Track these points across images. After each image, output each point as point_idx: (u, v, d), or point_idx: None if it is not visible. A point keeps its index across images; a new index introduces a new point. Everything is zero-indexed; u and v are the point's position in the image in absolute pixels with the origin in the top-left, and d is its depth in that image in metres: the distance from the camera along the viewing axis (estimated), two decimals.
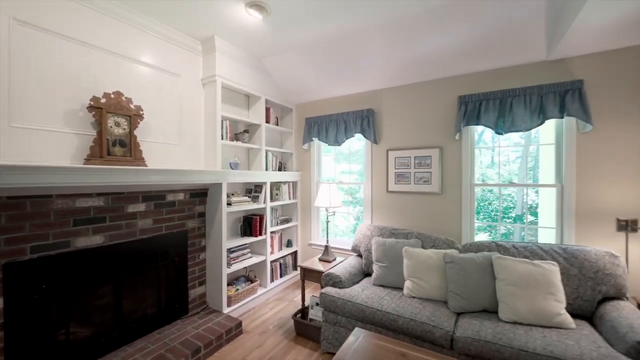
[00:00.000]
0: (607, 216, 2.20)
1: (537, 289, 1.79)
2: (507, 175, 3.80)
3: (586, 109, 2.17)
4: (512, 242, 2.14)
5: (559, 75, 2.34)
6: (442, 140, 2.83)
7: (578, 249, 1.94)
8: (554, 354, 1.46)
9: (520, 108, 2.39)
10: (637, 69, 2.12)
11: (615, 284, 1.78)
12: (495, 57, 2.45)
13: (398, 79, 2.98)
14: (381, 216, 3.19)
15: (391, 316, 1.91)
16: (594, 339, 1.58)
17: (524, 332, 1.65)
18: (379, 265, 2.42)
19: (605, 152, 2.21)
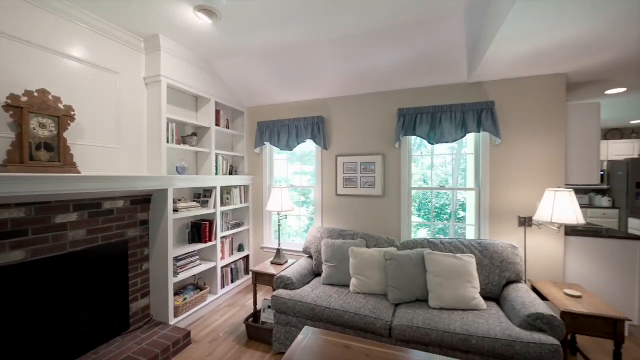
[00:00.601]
0: (511, 214, 2.67)
1: (458, 279, 2.11)
2: (444, 177, 4.24)
3: (496, 125, 2.61)
4: (441, 239, 2.48)
5: (477, 96, 2.77)
6: (385, 148, 3.11)
7: (490, 242, 2.33)
8: (469, 332, 1.75)
9: (447, 122, 2.76)
10: (534, 94, 2.61)
11: (515, 270, 2.19)
12: (428, 76, 2.79)
13: (346, 90, 3.18)
14: (331, 218, 3.37)
15: (338, 312, 2.07)
16: (499, 316, 1.93)
17: (448, 316, 1.94)
18: (328, 265, 2.57)
19: (511, 162, 2.68)
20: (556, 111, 2.55)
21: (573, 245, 2.56)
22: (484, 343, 1.70)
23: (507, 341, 1.67)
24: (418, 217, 4.00)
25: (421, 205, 4.38)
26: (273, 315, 2.35)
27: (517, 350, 1.64)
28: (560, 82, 2.54)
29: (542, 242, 2.58)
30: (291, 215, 3.77)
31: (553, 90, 2.56)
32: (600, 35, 1.88)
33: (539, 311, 1.74)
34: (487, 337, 1.71)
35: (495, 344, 1.68)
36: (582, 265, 2.56)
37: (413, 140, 3.12)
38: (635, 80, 2.76)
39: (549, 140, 2.57)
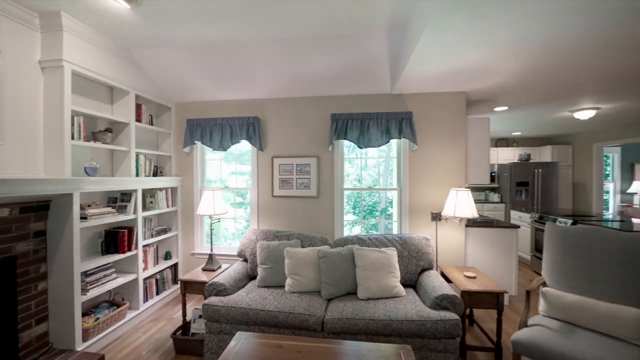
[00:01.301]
0: (426, 210, 3.08)
1: (382, 270, 2.35)
2: (376, 177, 4.55)
3: (414, 133, 2.97)
4: (368, 235, 2.71)
5: (398, 106, 3.10)
6: (319, 150, 3.24)
7: (408, 236, 2.64)
8: (390, 318, 1.97)
9: (374, 129, 3.03)
10: (443, 108, 3.05)
11: (428, 259, 2.54)
12: (357, 85, 3.01)
13: (283, 92, 3.21)
14: (267, 220, 3.35)
15: (273, 313, 2.09)
16: (415, 300, 2.21)
17: (373, 305, 2.14)
18: (263, 267, 2.56)
19: (425, 165, 3.09)
20: (459, 123, 3.04)
21: (471, 234, 3.09)
22: (402, 325, 1.93)
23: (420, 321, 1.93)
24: (353, 215, 4.25)
25: (356, 204, 4.68)
26: (204, 324, 2.24)
27: (428, 328, 1.91)
28: (462, 99, 3.03)
29: (449, 233, 3.04)
30: (227, 218, 3.63)
31: (457, 105, 3.04)
32: (488, 65, 2.31)
33: (445, 292, 2.06)
34: (404, 319, 1.95)
35: (411, 325, 1.92)
36: (477, 251, 3.10)
37: (347, 143, 3.33)
38: (513, 101, 3.46)
39: (454, 146, 3.05)
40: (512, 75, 2.57)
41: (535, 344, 1.64)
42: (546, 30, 1.77)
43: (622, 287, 1.78)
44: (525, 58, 2.20)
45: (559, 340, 1.63)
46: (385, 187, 3.33)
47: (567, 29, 1.77)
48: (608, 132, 5.33)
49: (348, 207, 4.34)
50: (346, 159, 3.44)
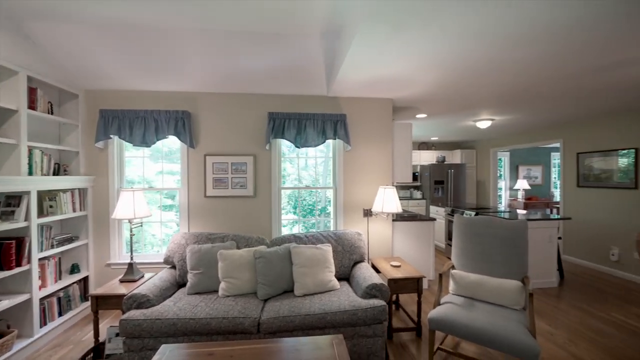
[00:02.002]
0: (358, 207, 3.29)
1: (318, 266, 2.43)
2: (315, 176, 4.60)
3: (347, 134, 3.14)
4: (305, 233, 2.77)
5: (333, 108, 3.24)
6: (256, 149, 3.18)
7: (342, 232, 2.79)
8: (325, 310, 2.05)
9: (311, 129, 3.10)
10: (373, 112, 3.30)
11: (360, 253, 2.72)
12: (294, 86, 3.04)
13: (217, 86, 3.04)
14: (200, 222, 3.14)
15: (204, 321, 1.97)
16: (348, 292, 2.34)
17: (309, 300, 2.20)
18: (194, 273, 2.40)
19: (358, 165, 3.30)
20: (386, 127, 3.33)
21: (397, 228, 3.42)
22: (336, 317, 2.03)
23: (352, 310, 2.06)
24: (295, 214, 4.28)
25: (297, 204, 4.72)
26: (122, 343, 1.99)
27: (359, 316, 2.05)
28: (389, 105, 3.33)
29: (379, 227, 3.31)
30: (154, 222, 3.27)
31: (385, 111, 3.33)
32: (410, 76, 2.59)
33: (374, 282, 2.24)
34: (338, 311, 2.05)
35: (344, 315, 2.04)
36: (402, 242, 3.44)
37: (287, 143, 3.33)
38: (431, 109, 3.95)
39: (382, 148, 3.33)
40: (430, 86, 2.93)
41: (445, 319, 1.91)
42: (455, 49, 2.07)
43: (507, 265, 2.20)
44: (440, 72, 2.53)
45: (463, 313, 1.93)
46: (321, 186, 3.44)
47: (471, 50, 2.10)
48: (500, 139, 6.49)
49: (289, 207, 4.37)
50: (287, 158, 3.45)
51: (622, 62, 2.27)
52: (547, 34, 1.84)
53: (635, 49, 2.05)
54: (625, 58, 2.20)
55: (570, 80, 2.69)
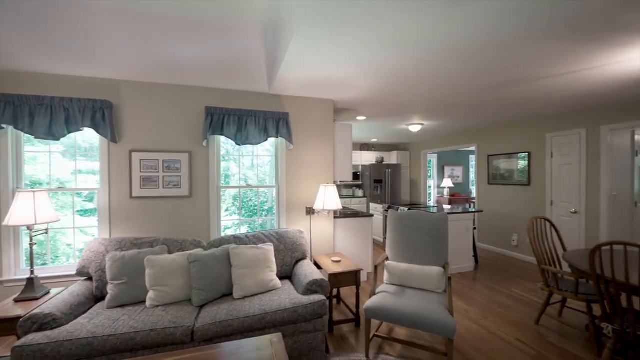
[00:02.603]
0: (301, 206, 3.32)
1: (259, 267, 2.37)
2: (262, 176, 4.47)
3: (290, 133, 3.14)
4: (246, 234, 2.68)
5: (276, 106, 3.21)
6: (192, 145, 2.97)
7: (285, 231, 2.78)
8: (265, 311, 2.02)
9: (252, 126, 3.02)
10: (316, 112, 3.36)
11: (302, 250, 2.75)
12: (235, 80, 2.92)
13: (146, 75, 2.74)
14: (124, 227, 2.80)
15: (128, 336, 1.76)
16: (289, 290, 2.34)
17: (249, 302, 2.14)
18: (116, 283, 2.13)
19: (301, 164, 3.32)
20: (328, 127, 3.43)
21: (339, 225, 3.54)
22: (277, 316, 2.02)
23: (293, 308, 2.07)
24: (243, 215, 4.12)
25: (243, 204, 4.55)
26: None
27: (300, 313, 2.07)
28: (330, 106, 3.43)
29: (321, 225, 3.39)
30: (68, 228, 2.79)
31: (327, 111, 3.42)
32: (349, 78, 2.71)
33: (314, 278, 2.28)
34: (279, 310, 2.04)
35: (284, 313, 2.03)
36: (344, 238, 3.59)
37: (230, 142, 3.17)
38: (370, 112, 4.19)
39: (325, 148, 3.42)
40: (368, 91, 3.11)
41: (379, 307, 2.05)
42: (390, 57, 2.23)
43: (431, 253, 2.46)
44: (377, 79, 2.70)
45: (394, 300, 2.09)
46: (263, 185, 3.37)
47: (404, 60, 2.28)
48: (429, 143, 7.23)
49: (234, 209, 4.19)
50: (232, 157, 3.29)
51: (519, 79, 2.73)
52: (466, 50, 2.10)
53: (524, 70, 2.48)
54: (522, 77, 2.65)
55: (483, 92, 3.13)
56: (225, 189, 3.25)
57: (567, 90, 3.04)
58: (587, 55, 2.16)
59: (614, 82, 2.77)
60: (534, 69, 2.44)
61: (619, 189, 3.85)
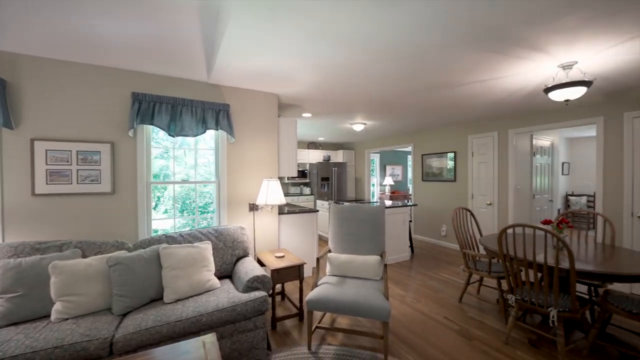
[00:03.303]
0: (244, 202, 3.19)
1: (194, 266, 2.20)
2: (203, 173, 4.18)
3: (231, 126, 2.99)
4: (180, 232, 2.47)
5: (216, 97, 3.03)
6: (115, 135, 2.62)
7: (224, 228, 2.64)
8: (200, 312, 1.88)
9: (188, 116, 2.80)
10: (259, 105, 3.26)
11: (243, 247, 2.64)
12: (168, 65, 2.66)
13: (58, 51, 2.32)
14: (24, 230, 2.34)
15: (22, 357, 1.46)
16: (229, 289, 2.22)
17: (182, 305, 1.97)
18: (9, 297, 1.76)
19: (243, 158, 3.19)
20: (272, 121, 3.36)
21: (284, 221, 3.50)
22: (213, 317, 1.89)
23: (232, 306, 1.96)
24: (182, 216, 3.79)
25: (186, 206, 4.21)
26: None
27: (239, 311, 1.97)
28: (274, 100, 3.37)
29: (265, 221, 3.30)
30: None
31: (271, 105, 3.35)
32: (290, 73, 2.68)
33: (255, 274, 2.20)
34: (215, 310, 1.91)
35: (222, 313, 1.92)
36: (289, 234, 3.55)
37: (152, 132, 2.87)
38: (314, 109, 4.23)
39: (269, 143, 3.34)
40: (311, 86, 3.12)
41: (319, 298, 2.07)
42: (328, 52, 2.27)
43: (370, 243, 2.58)
44: (318, 73, 2.72)
45: (334, 290, 2.14)
46: (202, 180, 3.15)
47: (344, 57, 2.34)
48: (372, 142, 7.63)
49: (175, 211, 3.83)
50: (172, 155, 2.97)
51: (446, 84, 3.03)
52: (398, 52, 2.25)
53: (451, 75, 2.76)
54: (449, 81, 2.95)
55: (416, 94, 3.41)
56: (157, 185, 2.95)
57: (483, 96, 3.49)
58: (497, 65, 2.50)
59: (518, 92, 3.27)
60: (459, 74, 2.74)
61: (522, 183, 4.57)
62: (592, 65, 2.48)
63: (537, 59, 2.36)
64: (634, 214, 3.24)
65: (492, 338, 2.39)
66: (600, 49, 2.17)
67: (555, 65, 2.49)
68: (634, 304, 2.02)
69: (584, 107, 3.66)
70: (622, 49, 2.18)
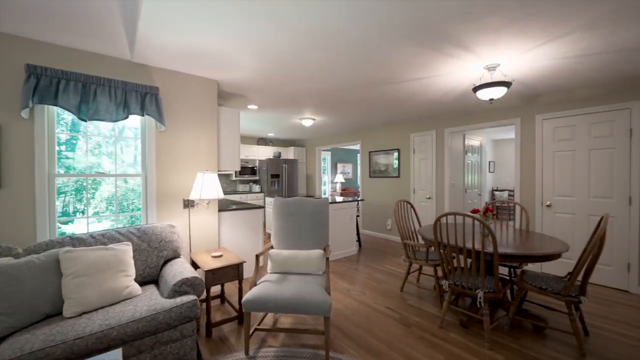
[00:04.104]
0: (177, 198, 2.87)
1: (108, 271, 1.87)
2: (122, 165, 3.67)
3: (160, 112, 2.66)
4: (91, 233, 2.10)
5: (141, 78, 2.66)
6: (2, 116, 2.12)
7: (149, 226, 2.32)
8: (110, 325, 1.59)
9: (105, 98, 2.40)
10: (196, 91, 2.95)
11: (172, 248, 2.35)
12: (77, 36, 2.23)
13: None
14: None
15: None
16: (151, 296, 1.94)
17: (88, 319, 1.64)
18: None
19: (176, 149, 2.87)
20: (211, 111, 3.08)
21: (225, 218, 3.25)
22: (127, 329, 1.61)
23: (152, 315, 1.70)
24: (104, 213, 3.27)
25: (122, 207, 3.69)
26: None
27: (161, 320, 1.72)
28: (214, 87, 3.09)
29: (203, 219, 3.02)
30: None
31: (209, 92, 3.07)
32: (228, 56, 2.47)
33: (184, 277, 1.96)
34: (131, 321, 1.64)
35: (138, 324, 1.65)
36: (231, 232, 3.31)
37: (56, 115, 2.40)
38: (260, 101, 4.03)
39: (207, 133, 3.06)
40: (254, 74, 2.93)
41: (257, 298, 1.92)
42: (273, 37, 2.12)
43: (313, 237, 2.50)
44: (263, 59, 2.55)
45: (274, 288, 2.01)
46: (124, 174, 2.75)
47: (281, 42, 2.21)
48: (323, 139, 7.66)
49: (101, 208, 3.28)
50: (86, 143, 2.49)
51: (388, 79, 3.10)
52: (342, 41, 2.19)
53: (392, 70, 2.83)
54: (391, 77, 3.01)
55: (361, 89, 3.43)
56: (62, 178, 2.48)
57: (422, 95, 3.67)
58: (432, 62, 2.62)
59: (451, 92, 3.51)
60: (398, 69, 2.81)
61: (456, 179, 4.96)
62: (512, 68, 2.75)
63: (466, 58, 2.52)
64: (543, 203, 3.71)
65: (429, 323, 2.49)
66: (518, 52, 2.40)
67: (481, 67, 2.70)
68: (544, 281, 2.27)
69: (505, 109, 4.10)
70: (534, 55, 2.45)
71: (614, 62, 2.62)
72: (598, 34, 2.09)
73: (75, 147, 3.28)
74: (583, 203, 3.40)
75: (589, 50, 2.36)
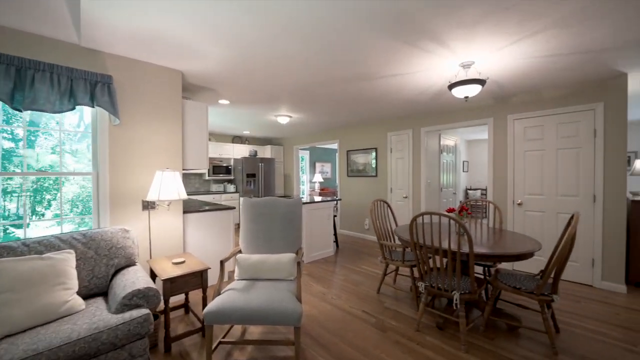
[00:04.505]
0: (136, 199, 2.60)
1: (42, 285, 1.61)
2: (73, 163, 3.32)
3: (114, 103, 2.38)
4: (24, 240, 1.81)
5: (91, 65, 2.37)
6: None
7: (97, 231, 2.06)
8: (37, 350, 1.34)
9: (45, 85, 2.10)
10: (157, 82, 2.69)
11: (125, 255, 2.10)
12: (11, 11, 1.93)
13: None
14: None
15: None
16: (95, 311, 1.70)
17: (10, 344, 1.38)
18: None
19: (134, 145, 2.60)
20: (175, 104, 2.83)
21: (191, 220, 3.01)
22: (60, 352, 1.37)
23: (92, 335, 1.47)
24: (54, 217, 2.92)
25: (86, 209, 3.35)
26: None
27: (104, 340, 1.50)
28: (178, 78, 2.85)
29: (167, 222, 2.76)
30: None
31: (173, 84, 2.82)
32: (192, 43, 2.25)
33: (136, 287, 1.73)
34: (64, 344, 1.40)
35: (74, 347, 1.41)
36: (198, 236, 3.07)
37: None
38: (231, 96, 3.80)
39: (170, 128, 2.80)
40: (222, 64, 2.72)
41: (221, 309, 1.74)
42: (239, 22, 1.93)
43: (285, 240, 2.34)
44: (230, 48, 2.35)
45: (240, 297, 1.83)
46: (70, 172, 2.44)
47: (248, 28, 2.03)
48: (300, 138, 7.49)
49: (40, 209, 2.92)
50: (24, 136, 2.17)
51: (364, 75, 3.00)
52: (312, 30, 2.05)
53: (368, 65, 2.73)
54: (366, 73, 2.91)
55: (336, 85, 3.31)
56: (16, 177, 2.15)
57: (398, 93, 3.62)
58: (407, 57, 2.54)
59: (427, 90, 3.48)
60: (373, 64, 2.71)
61: (432, 178, 4.99)
62: (487, 67, 2.74)
63: (441, 54, 2.47)
64: (514, 202, 3.79)
65: (405, 326, 2.42)
66: (493, 49, 2.38)
67: (457, 64, 2.67)
68: (518, 280, 2.26)
69: (479, 109, 4.15)
70: (508, 52, 2.44)
71: (582, 63, 2.68)
72: (567, 32, 2.10)
73: (34, 144, 2.92)
74: (552, 201, 3.50)
75: (559, 50, 2.38)
